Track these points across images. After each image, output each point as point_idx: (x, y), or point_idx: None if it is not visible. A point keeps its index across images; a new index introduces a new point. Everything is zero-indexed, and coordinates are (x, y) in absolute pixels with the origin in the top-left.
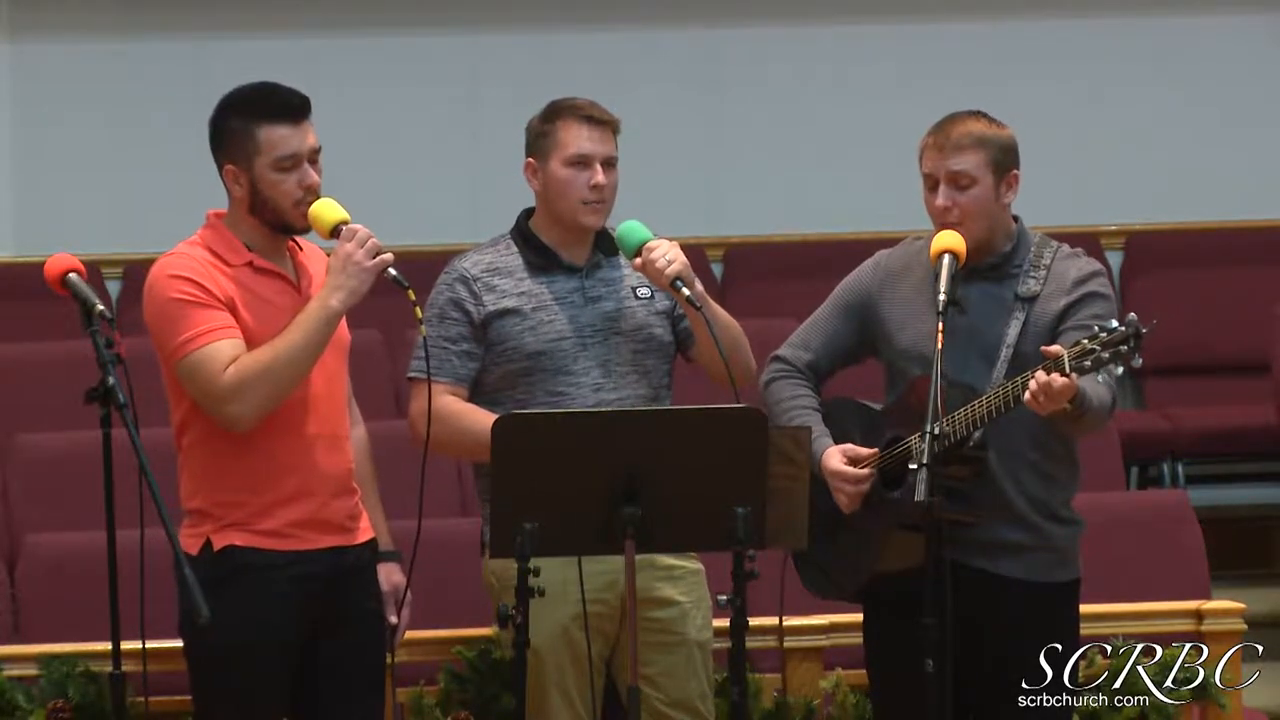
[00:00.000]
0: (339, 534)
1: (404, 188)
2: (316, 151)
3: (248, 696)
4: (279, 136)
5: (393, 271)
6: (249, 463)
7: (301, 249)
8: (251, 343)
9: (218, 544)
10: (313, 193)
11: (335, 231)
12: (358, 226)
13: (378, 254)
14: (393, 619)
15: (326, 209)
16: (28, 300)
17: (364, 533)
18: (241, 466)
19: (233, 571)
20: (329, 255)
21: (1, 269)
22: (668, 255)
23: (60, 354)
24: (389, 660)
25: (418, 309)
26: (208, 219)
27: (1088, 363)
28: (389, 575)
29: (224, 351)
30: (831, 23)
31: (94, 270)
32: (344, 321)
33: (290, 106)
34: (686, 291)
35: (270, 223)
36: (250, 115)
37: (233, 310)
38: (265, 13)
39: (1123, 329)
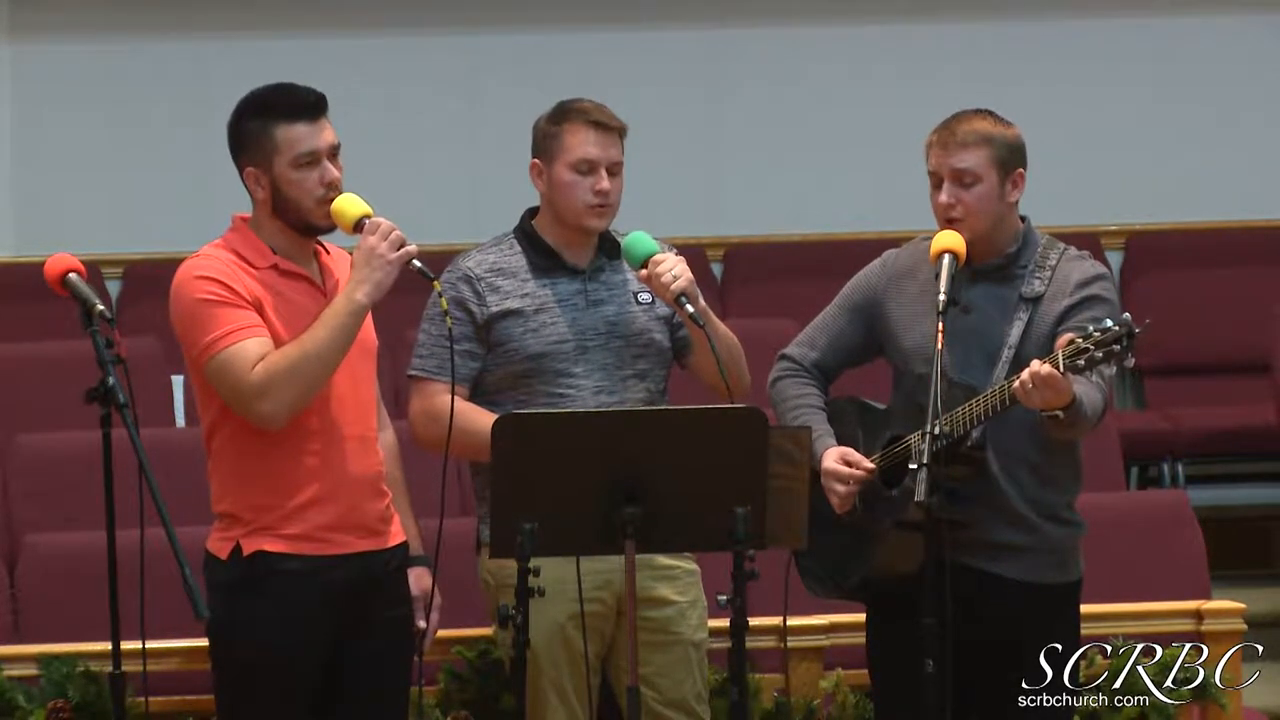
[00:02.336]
0: (370, 537)
1: (404, 188)
2: (336, 148)
3: (275, 700)
4: (297, 135)
5: (417, 263)
6: (278, 466)
7: (328, 252)
8: (277, 344)
9: (247, 549)
10: (334, 189)
11: (359, 226)
12: (381, 220)
13: (401, 246)
14: (421, 623)
15: (349, 204)
16: (28, 300)
17: (395, 536)
18: (270, 469)
19: (263, 576)
20: (352, 252)
21: (1, 269)
22: (674, 270)
23: (60, 354)
24: (416, 663)
25: (443, 300)
26: (233, 222)
27: (1081, 361)
28: (418, 579)
29: (252, 350)
30: (832, 23)
31: (94, 270)
32: (370, 325)
33: (306, 104)
34: (690, 308)
35: (293, 223)
36: (267, 116)
37: (259, 312)
38: (265, 13)
39: (1116, 328)
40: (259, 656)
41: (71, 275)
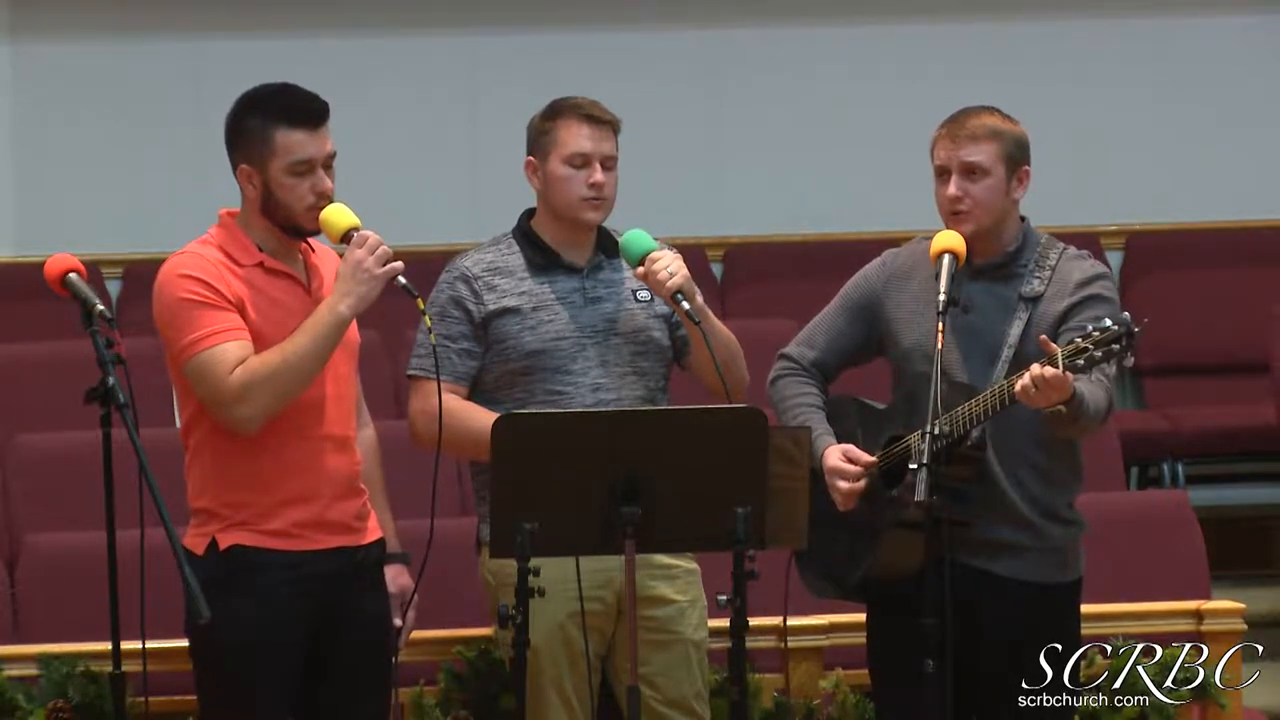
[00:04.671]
0: (345, 534)
1: (404, 188)
2: (331, 157)
3: (252, 696)
4: (295, 141)
5: (402, 280)
6: (255, 463)
7: (314, 250)
8: (260, 343)
9: (223, 543)
10: (325, 198)
11: (346, 237)
12: (369, 233)
13: (388, 261)
14: (398, 621)
15: (338, 214)
16: (28, 300)
17: (372, 533)
18: (248, 467)
19: (238, 571)
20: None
21: (1, 269)
22: (670, 268)
23: (60, 354)
24: (394, 662)
25: (427, 318)
26: (220, 218)
27: (1080, 361)
28: (396, 577)
29: (231, 353)
30: (832, 23)
31: (94, 270)
32: (354, 323)
33: (309, 111)
34: (686, 306)
35: (281, 225)
36: (268, 117)
37: (242, 311)
38: (265, 13)
39: (1115, 328)
40: (236, 650)
41: (71, 275)
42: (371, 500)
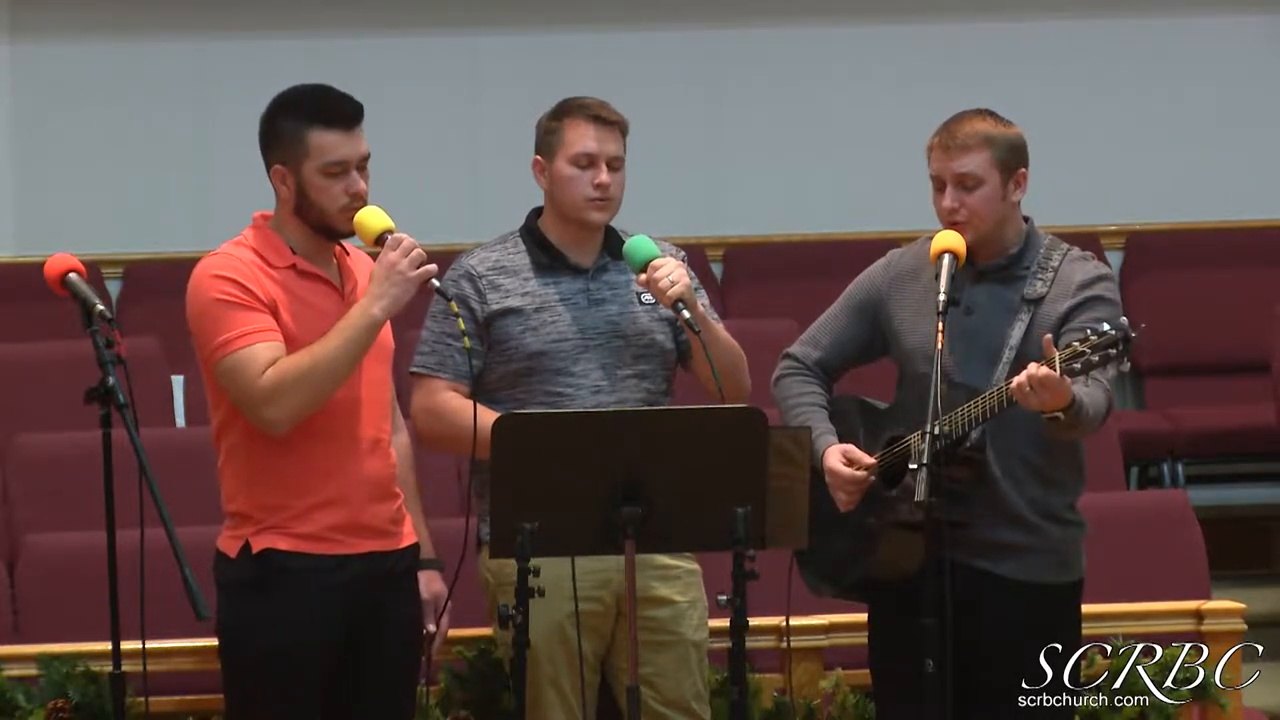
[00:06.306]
0: (379, 538)
1: (404, 188)
2: (365, 158)
3: (283, 698)
4: (329, 142)
5: (436, 282)
6: (288, 466)
7: (348, 253)
8: (292, 346)
9: (256, 547)
10: (359, 200)
11: (380, 240)
12: (403, 236)
13: (422, 264)
14: (431, 627)
15: (372, 217)
16: (28, 300)
17: (406, 538)
18: (281, 470)
19: (271, 574)
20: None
21: (1, 269)
22: (671, 276)
23: (60, 354)
24: (425, 666)
25: (460, 321)
26: (254, 220)
27: (1077, 365)
28: (429, 583)
29: (263, 354)
30: (831, 23)
31: (94, 270)
32: (389, 327)
33: (343, 112)
34: (687, 314)
35: (314, 226)
36: (302, 118)
37: (274, 313)
38: (266, 13)
39: (1112, 333)
40: (267, 654)
41: (71, 275)
42: (406, 505)
